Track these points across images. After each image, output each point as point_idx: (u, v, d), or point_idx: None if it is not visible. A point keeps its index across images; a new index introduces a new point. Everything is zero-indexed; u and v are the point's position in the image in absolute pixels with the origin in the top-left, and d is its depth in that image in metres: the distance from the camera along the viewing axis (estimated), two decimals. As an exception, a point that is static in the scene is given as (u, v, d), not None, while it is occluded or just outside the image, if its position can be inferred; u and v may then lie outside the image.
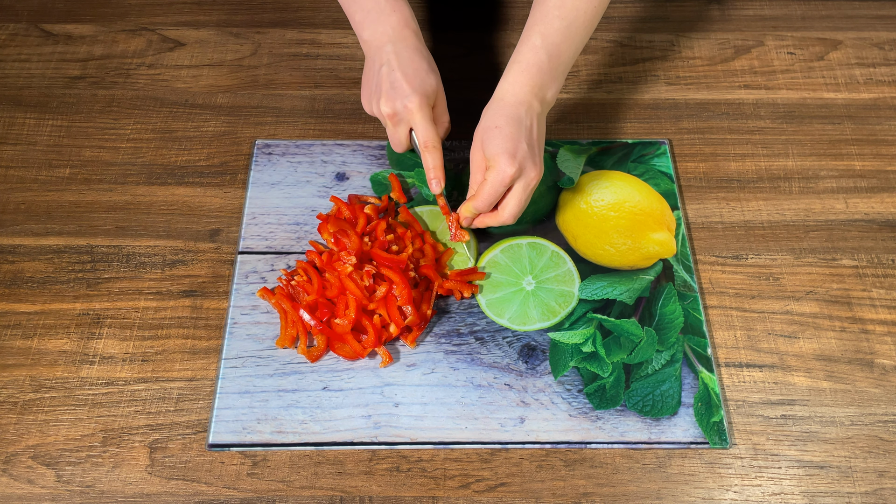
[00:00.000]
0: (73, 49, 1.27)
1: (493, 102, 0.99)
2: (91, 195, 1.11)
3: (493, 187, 0.96)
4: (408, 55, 1.04)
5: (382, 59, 1.04)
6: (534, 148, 0.97)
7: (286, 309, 1.00)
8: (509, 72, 0.99)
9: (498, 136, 0.95)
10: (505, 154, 0.94)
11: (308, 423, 0.94)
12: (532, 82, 0.98)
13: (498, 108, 0.98)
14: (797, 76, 1.26)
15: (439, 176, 1.02)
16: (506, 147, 0.94)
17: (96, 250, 1.06)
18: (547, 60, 0.98)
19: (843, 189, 1.13)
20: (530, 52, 0.98)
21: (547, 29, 0.98)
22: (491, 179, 0.95)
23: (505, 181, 0.95)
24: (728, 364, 0.99)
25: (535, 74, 0.98)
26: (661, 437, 0.94)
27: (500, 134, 0.95)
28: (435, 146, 1.02)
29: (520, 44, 1.00)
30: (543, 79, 0.98)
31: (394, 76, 1.02)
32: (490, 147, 0.95)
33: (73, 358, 0.98)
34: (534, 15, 1.01)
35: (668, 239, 1.03)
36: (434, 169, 1.02)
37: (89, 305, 1.02)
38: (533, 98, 0.98)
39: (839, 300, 1.04)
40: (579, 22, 0.99)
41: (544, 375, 0.98)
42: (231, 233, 1.08)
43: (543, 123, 1.01)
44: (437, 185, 1.02)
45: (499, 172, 0.94)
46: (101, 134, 1.17)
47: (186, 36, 1.30)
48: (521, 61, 0.99)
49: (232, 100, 1.22)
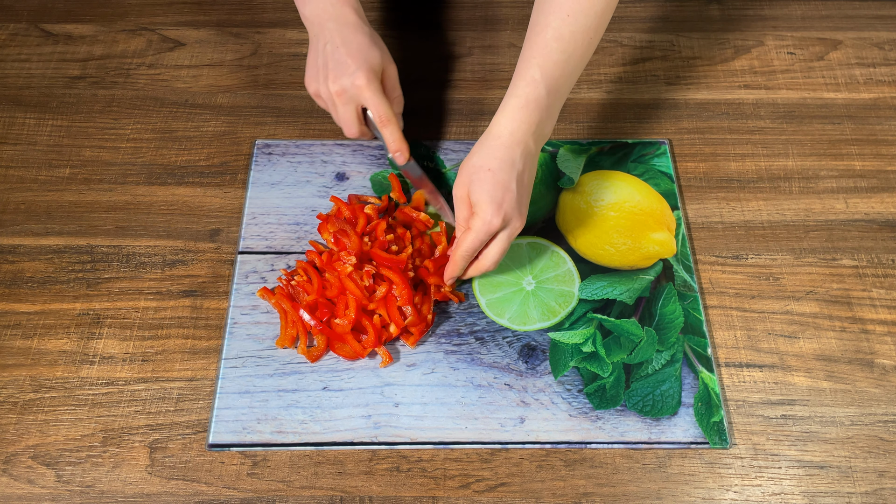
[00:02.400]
0: (73, 49, 1.27)
1: (488, 139, 0.95)
2: (91, 195, 1.11)
3: (476, 237, 0.93)
4: (349, 32, 1.04)
5: (326, 38, 1.04)
6: (522, 196, 0.94)
7: (286, 309, 1.00)
8: (506, 107, 0.94)
9: (488, 181, 0.92)
10: (492, 204, 0.91)
11: (308, 423, 0.94)
12: (530, 119, 0.93)
13: (492, 147, 0.94)
14: (797, 76, 1.26)
15: (402, 147, 1.04)
16: (494, 196, 0.91)
17: (96, 250, 1.06)
18: (546, 96, 0.94)
19: (843, 189, 1.13)
20: (529, 87, 0.93)
21: (546, 62, 0.93)
22: (476, 228, 0.93)
23: (490, 232, 0.93)
24: (728, 364, 0.99)
25: (534, 111, 0.93)
26: (661, 437, 0.94)
27: (491, 178, 0.92)
28: (390, 119, 1.03)
29: (516, 77, 0.95)
30: (542, 115, 0.94)
31: (338, 53, 1.03)
32: (477, 192, 0.92)
33: (73, 358, 0.98)
34: (530, 46, 0.95)
35: (668, 239, 1.03)
36: (395, 142, 1.04)
37: (89, 305, 1.02)
38: (530, 137, 0.94)
39: (839, 300, 1.04)
40: (577, 55, 0.95)
41: (544, 375, 0.98)
42: (231, 233, 1.08)
43: (536, 164, 0.98)
44: (402, 157, 1.04)
45: (484, 223, 0.92)
46: (101, 134, 1.17)
47: (186, 36, 1.30)
48: (519, 96, 0.94)
49: (232, 100, 1.22)
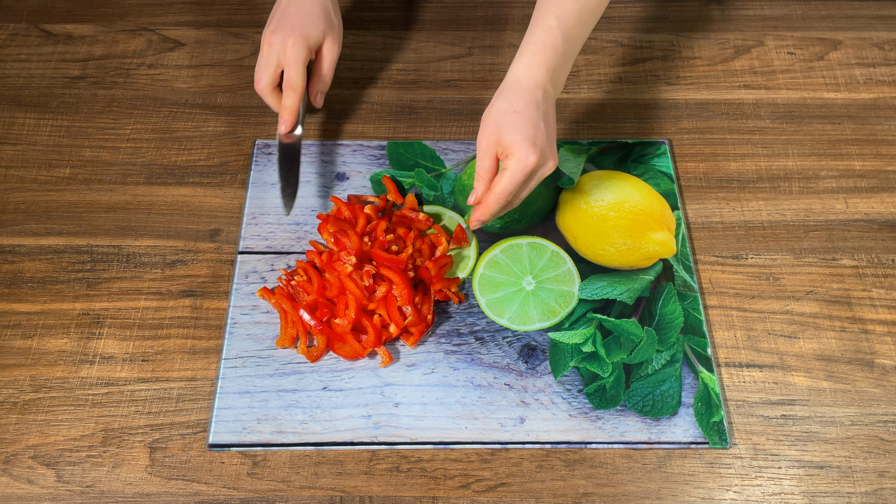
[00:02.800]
0: (73, 49, 1.27)
1: (508, 84, 0.95)
2: (91, 195, 1.11)
3: (514, 176, 0.90)
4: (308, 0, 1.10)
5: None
6: (551, 136, 0.94)
7: (286, 309, 1.00)
8: (524, 53, 0.95)
9: (518, 122, 0.91)
10: (526, 142, 0.89)
11: (308, 423, 0.94)
12: (548, 64, 0.94)
13: (514, 90, 0.94)
14: (797, 76, 1.26)
15: (289, 119, 1.07)
16: (527, 134, 0.90)
17: (96, 250, 1.06)
18: (562, 42, 0.95)
19: (843, 189, 1.13)
20: (545, 33, 0.95)
21: (561, 10, 0.95)
22: (512, 169, 0.90)
23: (527, 170, 0.90)
24: (728, 364, 0.99)
25: (551, 56, 0.94)
26: (661, 437, 0.94)
27: (519, 119, 0.91)
28: (295, 89, 1.06)
29: (532, 25, 0.97)
30: (558, 61, 0.95)
31: (288, 11, 1.08)
32: (508, 134, 0.90)
33: (73, 358, 0.98)
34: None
35: (668, 239, 1.03)
36: (287, 110, 1.07)
37: (89, 305, 1.02)
38: (548, 81, 0.94)
39: (839, 300, 1.04)
40: (592, 5, 0.97)
41: (544, 375, 0.98)
42: (231, 233, 1.08)
43: (554, 109, 0.97)
44: (284, 126, 1.07)
45: (520, 161, 0.90)
46: (101, 134, 1.18)
47: (186, 36, 1.30)
48: (535, 42, 0.95)
49: (232, 100, 1.22)
